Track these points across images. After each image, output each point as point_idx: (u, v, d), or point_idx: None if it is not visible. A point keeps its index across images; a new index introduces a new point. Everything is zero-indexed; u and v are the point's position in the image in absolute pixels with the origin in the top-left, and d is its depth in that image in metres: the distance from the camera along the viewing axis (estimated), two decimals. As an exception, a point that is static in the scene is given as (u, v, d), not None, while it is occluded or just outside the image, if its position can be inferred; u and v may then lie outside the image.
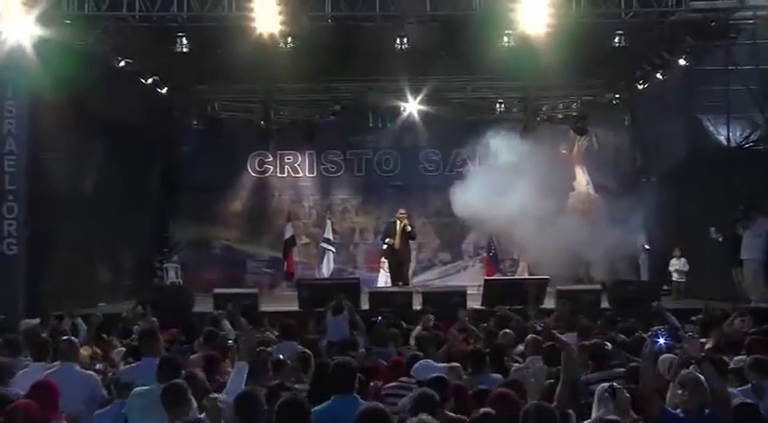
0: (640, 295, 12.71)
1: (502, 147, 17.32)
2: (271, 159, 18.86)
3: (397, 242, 14.97)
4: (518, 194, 15.53)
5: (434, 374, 5.32)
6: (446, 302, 12.32)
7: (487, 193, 15.50)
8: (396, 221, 15.22)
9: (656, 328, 6.22)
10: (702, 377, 4.77)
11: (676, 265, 15.09)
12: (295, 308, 12.89)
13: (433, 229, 18.53)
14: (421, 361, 5.92)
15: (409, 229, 15.02)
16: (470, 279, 17.14)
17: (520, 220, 15.44)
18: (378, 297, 13.03)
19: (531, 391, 5.32)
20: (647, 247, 16.38)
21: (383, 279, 16.30)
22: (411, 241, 15.56)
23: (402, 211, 15.43)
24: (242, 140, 18.37)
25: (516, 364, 6.82)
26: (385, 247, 15.45)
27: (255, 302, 12.67)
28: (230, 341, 6.97)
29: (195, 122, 18.04)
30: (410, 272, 16.05)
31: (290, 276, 17.35)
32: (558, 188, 17.27)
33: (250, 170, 18.85)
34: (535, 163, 17.22)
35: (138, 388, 5.42)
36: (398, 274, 15.12)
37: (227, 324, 8.96)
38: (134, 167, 16.07)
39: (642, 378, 4.97)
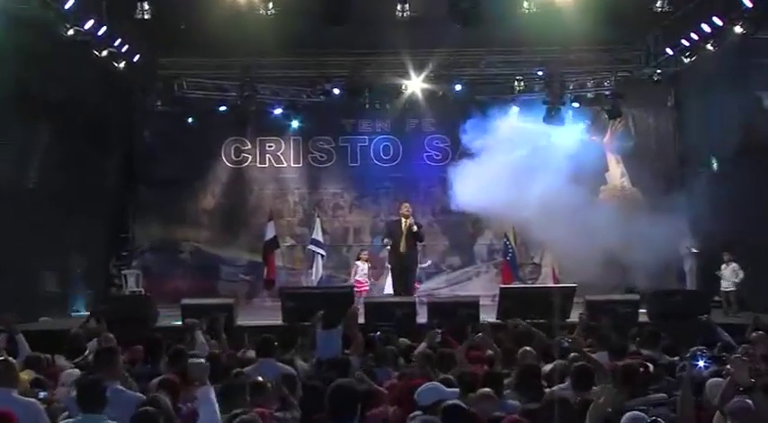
0: (686, 307, 12.73)
1: (521, 132, 17.33)
2: (249, 147, 18.86)
3: (402, 244, 14.88)
4: (540, 188, 15.53)
5: (451, 401, 5.28)
6: (455, 315, 12.35)
7: (504, 186, 15.47)
8: (400, 219, 15.18)
9: (695, 348, 6.19)
10: (755, 406, 4.73)
11: (725, 272, 15.09)
12: (278, 321, 12.92)
13: (439, 228, 18.54)
14: (427, 384, 5.91)
15: (416, 228, 14.96)
16: (484, 287, 17.24)
17: (542, 218, 15.41)
18: (376, 309, 13.04)
19: None
20: (694, 250, 16.37)
21: (387, 287, 16.26)
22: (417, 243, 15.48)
23: (406, 205, 15.40)
24: (215, 125, 18.35)
25: (557, 387, 6.76)
26: (364, 248, 15.36)
27: (231, 315, 12.65)
28: (201, 359, 6.91)
29: (159, 103, 17.97)
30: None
31: (272, 284, 17.40)
32: (588, 181, 17.27)
33: (224, 160, 18.85)
34: (561, 151, 17.26)
35: (62, 421, 5.38)
36: (402, 282, 15.06)
37: (200, 336, 8.93)
38: (86, 157, 16.03)
39: (680, 407, 4.94)
